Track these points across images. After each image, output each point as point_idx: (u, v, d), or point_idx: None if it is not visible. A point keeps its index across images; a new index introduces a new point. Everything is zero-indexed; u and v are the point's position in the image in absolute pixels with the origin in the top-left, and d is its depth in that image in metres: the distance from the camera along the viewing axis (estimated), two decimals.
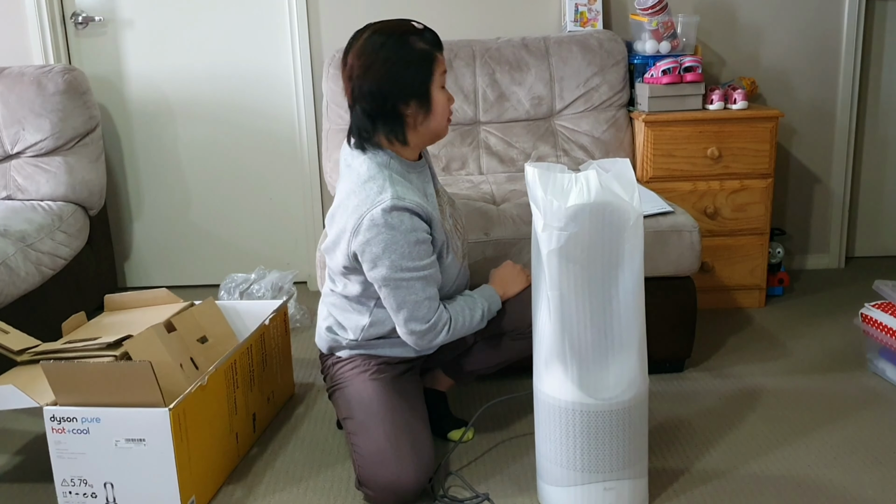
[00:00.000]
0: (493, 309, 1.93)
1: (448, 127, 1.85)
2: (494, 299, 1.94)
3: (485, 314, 1.90)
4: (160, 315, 2.13)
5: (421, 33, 1.77)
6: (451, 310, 1.84)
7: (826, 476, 1.92)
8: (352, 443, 1.86)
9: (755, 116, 2.88)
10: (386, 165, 1.79)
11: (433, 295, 1.79)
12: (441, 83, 1.79)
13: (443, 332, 1.82)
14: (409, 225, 1.72)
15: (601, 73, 2.99)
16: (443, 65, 1.79)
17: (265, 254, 3.49)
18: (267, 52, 3.30)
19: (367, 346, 1.96)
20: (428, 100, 1.77)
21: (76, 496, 1.79)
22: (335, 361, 2.00)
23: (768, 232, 2.97)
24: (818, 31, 3.26)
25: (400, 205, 1.71)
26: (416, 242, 1.74)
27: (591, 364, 1.69)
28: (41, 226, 2.79)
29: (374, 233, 1.72)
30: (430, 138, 1.84)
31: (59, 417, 1.75)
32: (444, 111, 1.80)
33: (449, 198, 2.00)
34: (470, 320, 1.87)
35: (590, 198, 1.62)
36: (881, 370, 2.42)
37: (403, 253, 1.73)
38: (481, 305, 1.90)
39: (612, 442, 1.70)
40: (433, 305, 1.79)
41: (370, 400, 1.87)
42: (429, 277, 1.78)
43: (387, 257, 1.73)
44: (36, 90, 2.98)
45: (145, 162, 3.41)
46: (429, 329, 1.80)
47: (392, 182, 1.75)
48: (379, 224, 1.71)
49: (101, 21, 3.28)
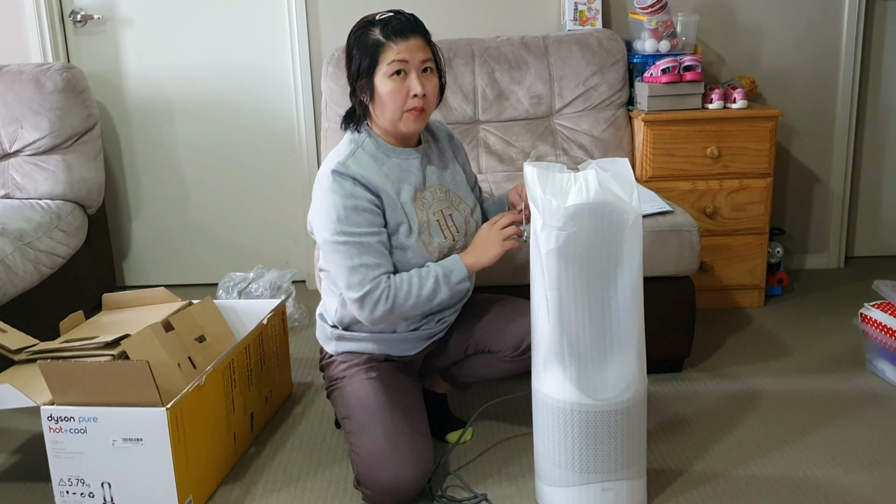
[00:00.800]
0: (455, 277, 1.81)
1: (411, 121, 1.81)
2: (457, 266, 1.82)
3: (439, 282, 1.79)
4: (158, 314, 2.12)
5: (383, 23, 1.78)
6: (395, 279, 1.78)
7: (825, 476, 1.91)
8: (350, 442, 1.86)
9: (755, 116, 2.88)
10: (358, 142, 1.85)
11: (371, 263, 1.76)
12: (389, 71, 1.76)
13: (382, 302, 1.76)
14: (349, 191, 1.76)
15: (600, 72, 2.99)
16: (399, 53, 1.75)
17: (263, 253, 3.48)
18: (266, 50, 3.30)
19: (348, 339, 1.95)
20: (373, 88, 1.79)
21: (73, 496, 1.78)
22: (330, 361, 2.00)
23: (768, 231, 2.97)
24: (818, 30, 3.26)
25: (341, 170, 1.77)
26: (354, 208, 1.76)
27: (590, 364, 1.69)
28: (39, 224, 2.78)
29: (318, 195, 1.81)
30: (391, 127, 1.84)
31: (56, 417, 1.74)
32: (393, 100, 1.78)
33: (457, 197, 1.96)
34: (419, 289, 1.77)
35: (589, 197, 1.62)
36: (880, 370, 2.42)
37: (340, 217, 1.76)
38: (434, 273, 1.79)
39: (611, 442, 1.70)
40: (370, 274, 1.75)
41: (368, 400, 1.86)
42: (367, 245, 1.76)
43: (326, 219, 1.77)
44: (34, 88, 2.98)
45: (144, 160, 3.41)
46: (365, 296, 1.75)
47: (352, 154, 1.81)
48: (323, 186, 1.79)
49: (100, 19, 3.27)
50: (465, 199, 1.97)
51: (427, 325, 1.95)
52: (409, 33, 1.77)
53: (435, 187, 1.92)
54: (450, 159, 2.00)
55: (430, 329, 1.96)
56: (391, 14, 1.80)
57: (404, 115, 1.80)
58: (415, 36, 1.78)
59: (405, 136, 1.87)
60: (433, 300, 1.81)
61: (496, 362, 1.97)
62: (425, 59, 1.79)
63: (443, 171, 1.96)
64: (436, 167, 1.94)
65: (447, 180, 1.96)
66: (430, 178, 1.92)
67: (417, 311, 1.82)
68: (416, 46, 1.77)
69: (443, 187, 1.94)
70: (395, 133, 1.86)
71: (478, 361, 2.01)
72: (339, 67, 2.94)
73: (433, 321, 1.95)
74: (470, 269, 1.83)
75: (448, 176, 1.97)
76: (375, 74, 1.78)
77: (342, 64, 2.94)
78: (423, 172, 1.91)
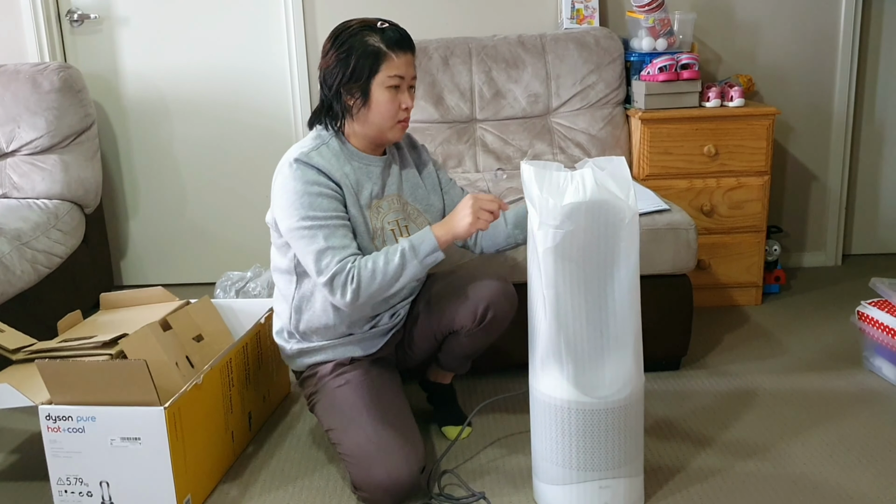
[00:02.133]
0: (424, 249, 1.75)
1: (399, 130, 1.86)
2: (425, 237, 1.76)
3: (406, 256, 1.74)
4: (156, 313, 2.13)
5: (382, 31, 1.80)
6: (361, 260, 1.76)
7: (822, 474, 1.92)
8: (338, 452, 1.86)
9: (752, 114, 2.88)
10: (323, 139, 1.86)
11: (337, 245, 1.75)
12: (390, 83, 1.80)
13: (349, 283, 1.73)
14: (312, 178, 1.78)
15: (597, 70, 2.99)
16: (399, 67, 1.80)
17: (261, 252, 3.47)
18: (263, 49, 3.30)
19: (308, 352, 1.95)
20: (367, 94, 1.81)
21: (72, 495, 1.78)
22: (303, 378, 2.01)
23: (765, 229, 2.97)
24: (815, 28, 3.26)
25: (304, 159, 1.79)
26: (317, 195, 1.77)
27: (587, 362, 1.69)
28: (37, 224, 2.78)
29: (280, 182, 1.81)
30: (373, 133, 1.86)
31: (54, 416, 1.74)
32: (386, 110, 1.82)
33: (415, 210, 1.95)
34: (384, 266, 1.74)
35: (585, 196, 1.62)
36: (877, 368, 2.42)
37: (303, 203, 1.76)
38: (401, 247, 1.76)
39: (608, 440, 1.70)
40: (336, 255, 1.74)
41: (343, 406, 1.86)
42: (332, 227, 1.77)
43: (289, 206, 1.78)
44: (31, 88, 2.98)
45: (141, 160, 3.41)
46: (333, 279, 1.74)
47: (315, 148, 1.83)
48: (284, 174, 1.80)
49: (97, 18, 3.27)
50: (425, 212, 1.98)
51: (382, 321, 1.95)
52: (407, 48, 1.83)
53: (392, 197, 1.92)
54: (413, 173, 2.00)
55: (385, 325, 1.96)
56: (388, 24, 1.83)
57: (395, 126, 1.85)
58: (411, 51, 1.84)
59: (382, 143, 1.90)
60: (401, 276, 1.76)
61: (463, 340, 1.96)
62: (414, 76, 1.86)
63: (403, 182, 1.96)
64: (396, 178, 1.95)
65: (406, 192, 1.96)
66: (388, 188, 1.92)
67: (388, 289, 1.77)
68: (409, 62, 1.83)
69: (401, 199, 1.94)
70: (374, 138, 1.87)
71: (450, 345, 2.00)
72: None
73: (386, 315, 1.95)
74: (440, 240, 1.76)
75: (408, 188, 1.97)
76: (373, 81, 1.80)
77: None
78: (383, 181, 1.91)
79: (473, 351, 2.02)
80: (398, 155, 1.99)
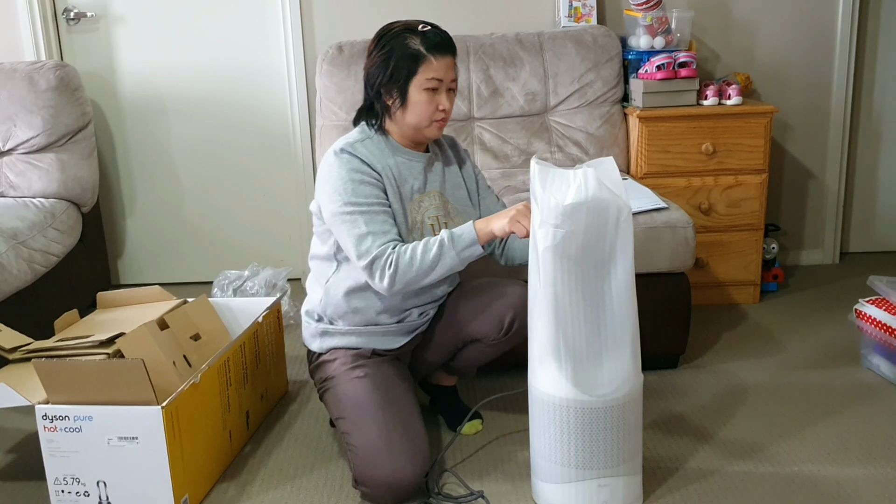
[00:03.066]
0: (463, 241, 1.78)
1: (436, 129, 1.91)
2: (465, 230, 1.79)
3: (444, 246, 1.77)
4: (153, 312, 2.12)
5: (423, 34, 1.84)
6: (401, 247, 1.80)
7: (820, 472, 1.92)
8: (346, 442, 1.86)
9: (750, 112, 2.88)
10: (368, 134, 1.92)
11: (378, 230, 1.80)
12: (427, 85, 1.84)
13: (387, 269, 1.78)
14: (355, 166, 1.83)
15: (595, 68, 2.99)
16: (437, 70, 1.84)
17: (259, 251, 3.48)
18: (260, 47, 3.29)
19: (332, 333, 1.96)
20: (405, 95, 1.85)
21: (69, 495, 1.78)
22: (317, 363, 2.01)
23: (763, 228, 2.97)
24: (813, 26, 3.26)
25: (349, 150, 1.85)
26: (360, 182, 1.82)
27: (586, 361, 1.69)
28: (33, 223, 2.77)
29: (324, 171, 1.87)
30: (410, 132, 1.91)
31: (51, 416, 1.74)
32: (423, 112, 1.86)
33: (455, 209, 1.98)
34: (423, 254, 1.77)
35: (588, 195, 1.62)
36: (875, 366, 2.42)
37: (346, 189, 1.82)
38: (441, 238, 1.78)
39: (607, 438, 1.70)
40: (377, 241, 1.79)
41: (360, 398, 1.87)
42: (374, 214, 1.81)
43: (333, 192, 1.83)
44: (27, 86, 2.97)
45: (138, 158, 3.40)
46: (372, 263, 1.79)
47: (361, 141, 1.89)
48: (329, 162, 1.86)
49: (93, 17, 3.26)
50: (462, 213, 2.00)
51: (410, 318, 1.97)
52: (447, 51, 1.86)
53: (434, 194, 1.96)
54: (455, 171, 2.04)
55: (412, 322, 1.98)
56: (430, 27, 1.87)
57: (432, 125, 1.89)
58: (451, 54, 1.87)
59: (421, 140, 1.94)
60: (437, 265, 1.79)
61: (484, 349, 2.00)
62: (454, 78, 1.89)
63: (445, 181, 2.00)
64: (438, 176, 1.98)
65: (448, 191, 2.00)
66: (430, 184, 1.96)
67: (425, 277, 1.80)
68: (450, 65, 1.87)
69: (442, 196, 1.97)
70: (412, 136, 1.92)
71: (469, 352, 2.03)
72: (333, 65, 2.94)
73: (415, 313, 1.97)
74: (480, 233, 1.78)
75: (449, 187, 2.01)
76: (411, 83, 1.84)
77: (336, 62, 2.94)
78: (426, 176, 1.95)
79: (490, 358, 2.04)
80: (440, 153, 2.03)
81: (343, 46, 2.97)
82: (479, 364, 2.08)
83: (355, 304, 1.93)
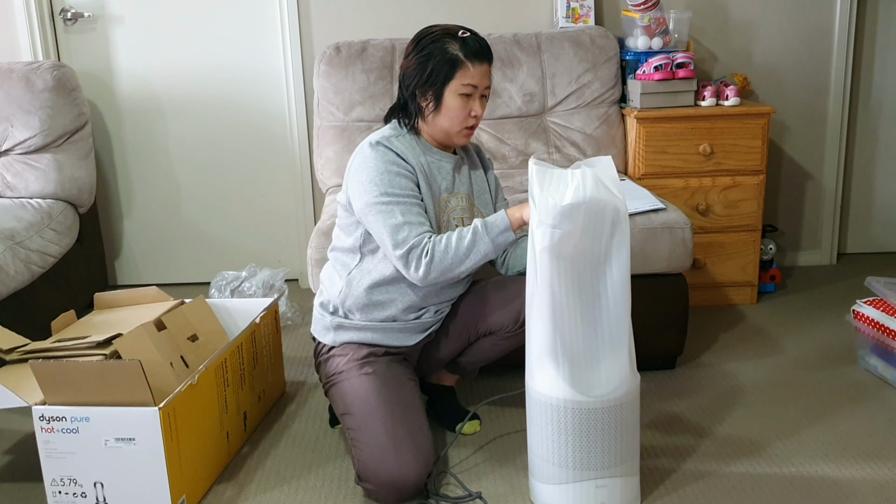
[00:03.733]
0: (497, 227, 1.80)
1: (464, 136, 1.92)
2: (499, 217, 1.81)
3: (478, 232, 1.79)
4: (150, 313, 2.11)
5: (462, 40, 1.86)
6: (436, 237, 1.82)
7: (818, 472, 1.92)
8: (351, 438, 1.86)
9: (747, 113, 2.88)
10: (398, 131, 1.93)
11: (414, 221, 1.82)
12: (462, 91, 1.86)
13: (423, 257, 1.80)
14: (391, 158, 1.85)
15: (593, 69, 2.99)
16: (474, 77, 1.86)
17: (256, 251, 3.47)
18: (258, 48, 3.29)
19: (347, 328, 1.96)
20: (440, 99, 1.87)
21: (66, 496, 1.78)
22: (327, 357, 2.00)
23: (760, 228, 2.97)
24: (810, 27, 3.26)
25: (384, 143, 1.87)
26: (396, 174, 1.84)
27: (583, 361, 1.69)
28: (30, 224, 2.77)
29: (359, 161, 1.87)
30: (440, 136, 1.94)
31: (48, 417, 1.73)
32: (456, 116, 1.88)
33: (479, 212, 2.00)
34: (458, 241, 1.80)
35: (585, 196, 1.62)
36: (872, 366, 2.43)
37: (383, 180, 1.83)
38: (475, 225, 1.81)
39: (604, 439, 1.70)
40: (413, 230, 1.81)
41: (368, 396, 1.87)
42: (409, 205, 1.83)
43: (369, 182, 1.84)
44: (24, 87, 2.96)
45: (135, 159, 3.40)
46: (409, 252, 1.80)
47: (394, 136, 1.91)
48: (364, 154, 1.87)
49: (91, 17, 3.26)
50: (486, 216, 2.00)
51: (426, 315, 1.97)
52: (485, 58, 1.88)
53: (462, 195, 1.98)
54: (480, 176, 2.06)
55: (428, 319, 1.98)
56: (470, 34, 1.88)
57: (462, 131, 1.91)
58: (488, 62, 1.88)
59: (450, 145, 1.96)
60: (472, 252, 1.80)
61: (498, 341, 2.01)
62: (488, 85, 1.91)
63: (472, 184, 2.02)
64: (466, 178, 2.00)
65: (475, 194, 2.02)
66: (458, 186, 1.98)
67: (459, 265, 1.81)
68: (485, 72, 1.88)
69: (469, 198, 2.00)
70: (442, 139, 1.94)
71: (481, 345, 2.04)
72: (331, 66, 2.94)
73: (431, 310, 1.98)
74: (512, 219, 1.80)
75: (476, 190, 2.03)
76: (447, 87, 1.86)
77: (334, 62, 2.94)
78: (454, 178, 1.97)
79: (501, 353, 2.05)
80: (467, 157, 2.05)
81: (341, 47, 2.97)
82: (487, 360, 2.08)
83: (377, 297, 1.93)
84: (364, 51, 2.96)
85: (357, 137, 2.90)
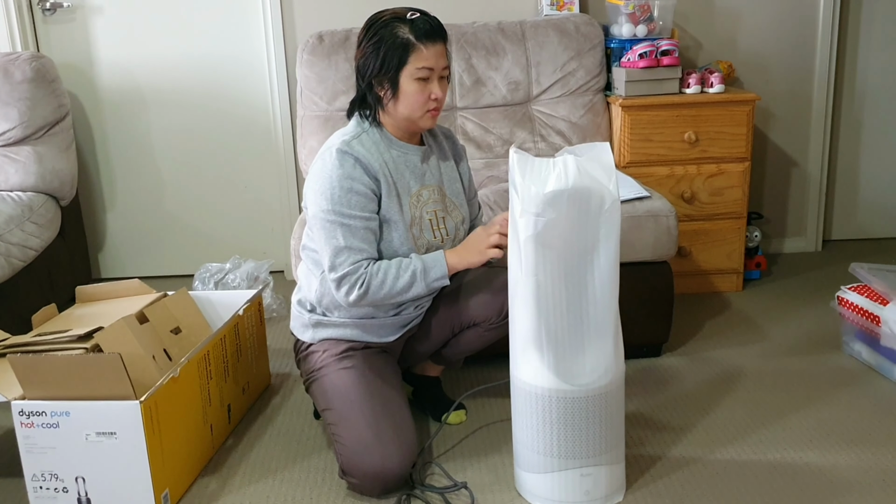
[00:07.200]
0: (434, 274, 1.82)
1: (429, 119, 1.87)
2: (437, 262, 1.83)
3: (416, 276, 1.81)
4: (132, 306, 2.09)
5: (412, 22, 1.80)
6: (374, 267, 1.80)
7: (802, 458, 1.93)
8: (333, 433, 1.85)
9: (732, 100, 2.88)
10: (362, 128, 1.88)
11: (356, 247, 1.79)
12: (418, 75, 1.80)
13: (357, 287, 1.79)
14: (348, 171, 1.79)
15: (578, 57, 2.97)
16: (428, 59, 1.80)
17: (240, 243, 3.45)
18: (240, 38, 3.25)
19: (326, 325, 1.95)
20: (396, 86, 1.82)
21: (47, 491, 1.76)
22: (306, 354, 1.99)
23: (745, 216, 2.98)
24: (795, 14, 3.26)
25: (345, 149, 1.81)
26: (350, 189, 1.79)
27: (568, 350, 1.68)
28: (10, 217, 2.74)
29: (319, 168, 1.83)
30: (404, 123, 1.88)
31: (27, 412, 1.72)
32: (415, 101, 1.82)
33: (452, 203, 1.98)
34: (394, 280, 1.80)
35: (568, 183, 1.61)
36: (857, 352, 2.43)
37: (334, 196, 1.79)
38: (413, 267, 1.81)
39: (589, 428, 1.69)
40: (352, 257, 1.79)
41: (347, 390, 1.85)
42: (355, 228, 1.79)
43: (320, 195, 1.80)
44: (3, 78, 2.92)
45: (117, 151, 3.36)
46: (343, 278, 1.79)
47: (357, 136, 1.85)
48: (325, 161, 1.82)
49: (70, 7, 3.21)
50: (459, 207, 2.00)
51: (406, 311, 1.96)
52: (437, 38, 1.82)
53: (433, 188, 1.95)
54: (451, 166, 2.02)
55: (408, 315, 1.97)
56: (419, 14, 1.82)
57: (425, 115, 1.86)
58: (441, 41, 1.83)
59: (416, 131, 1.91)
60: (407, 293, 1.83)
61: (482, 333, 1.99)
62: (446, 66, 1.85)
63: (442, 174, 1.99)
64: (435, 169, 1.97)
65: (446, 185, 1.99)
66: (428, 178, 1.94)
67: (391, 300, 1.84)
68: (440, 53, 1.83)
69: (441, 189, 1.96)
70: (406, 127, 1.89)
71: (465, 337, 2.02)
72: (313, 55, 2.91)
73: (411, 307, 1.97)
74: (451, 269, 1.84)
75: (447, 181, 1.99)
76: (402, 73, 1.81)
77: (317, 51, 2.91)
78: (423, 170, 1.93)
79: (485, 344, 2.04)
80: (436, 146, 2.01)
81: (323, 36, 2.94)
82: (471, 351, 2.07)
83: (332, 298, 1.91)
84: (347, 40, 2.94)
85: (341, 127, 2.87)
